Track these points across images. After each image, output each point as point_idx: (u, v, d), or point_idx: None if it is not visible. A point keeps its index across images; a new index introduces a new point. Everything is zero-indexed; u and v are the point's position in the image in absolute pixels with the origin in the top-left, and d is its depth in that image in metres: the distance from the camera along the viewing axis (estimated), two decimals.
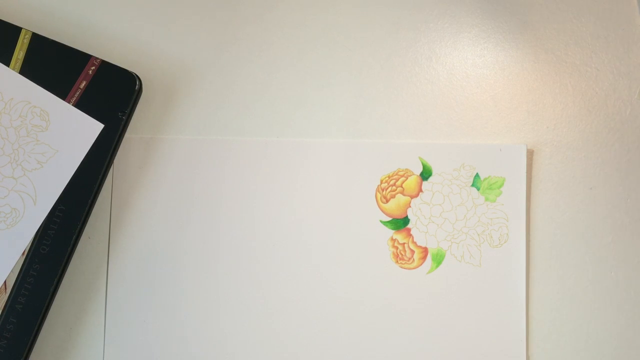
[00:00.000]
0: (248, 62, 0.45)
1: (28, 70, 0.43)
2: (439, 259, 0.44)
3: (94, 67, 0.44)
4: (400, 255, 0.44)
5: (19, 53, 0.43)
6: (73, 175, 0.43)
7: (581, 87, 0.45)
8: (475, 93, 0.45)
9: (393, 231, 0.44)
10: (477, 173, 0.44)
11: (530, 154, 0.45)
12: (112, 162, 0.44)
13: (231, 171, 0.45)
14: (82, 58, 0.44)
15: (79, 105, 0.43)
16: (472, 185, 0.44)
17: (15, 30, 0.44)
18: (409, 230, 0.44)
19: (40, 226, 0.43)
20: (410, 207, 0.44)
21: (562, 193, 0.44)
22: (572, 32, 0.45)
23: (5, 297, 0.43)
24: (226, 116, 0.45)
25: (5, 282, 0.42)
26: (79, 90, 0.44)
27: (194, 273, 0.44)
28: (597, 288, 0.44)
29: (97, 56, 0.44)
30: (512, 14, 0.46)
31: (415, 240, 0.44)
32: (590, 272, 0.44)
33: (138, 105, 0.45)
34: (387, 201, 0.44)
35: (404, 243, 0.44)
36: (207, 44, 0.46)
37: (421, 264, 0.44)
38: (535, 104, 0.45)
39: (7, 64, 0.43)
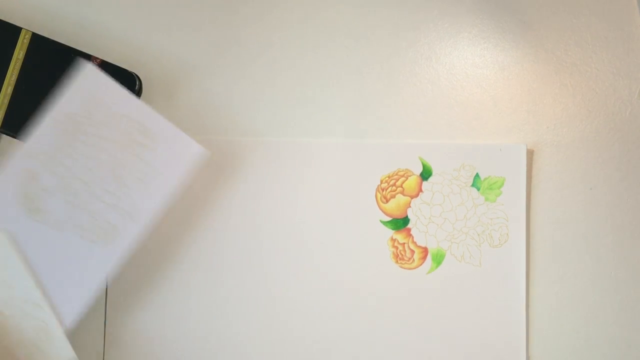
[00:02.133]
0: (248, 62, 0.45)
1: (28, 70, 0.43)
2: (439, 259, 0.44)
3: None
4: (400, 255, 0.44)
5: (19, 53, 0.43)
6: None
7: (581, 87, 0.45)
8: (475, 93, 0.45)
9: (393, 231, 0.44)
10: (477, 173, 0.44)
11: (530, 154, 0.45)
12: None
13: (231, 171, 0.45)
14: (82, 58, 0.44)
15: None
16: (472, 185, 0.44)
17: (15, 30, 0.44)
18: (409, 230, 0.44)
19: None
20: (410, 207, 0.44)
21: (562, 193, 0.44)
22: (572, 32, 0.45)
23: None
24: (226, 116, 0.45)
25: None
26: None
27: (193, 273, 0.44)
28: (597, 288, 0.44)
29: (97, 56, 0.44)
30: (512, 14, 0.46)
31: (415, 240, 0.44)
32: (590, 272, 0.44)
33: None
34: (387, 201, 0.44)
35: (404, 243, 0.44)
36: (207, 44, 0.45)
37: (421, 264, 0.44)
38: (535, 104, 0.45)
39: (7, 63, 0.43)
